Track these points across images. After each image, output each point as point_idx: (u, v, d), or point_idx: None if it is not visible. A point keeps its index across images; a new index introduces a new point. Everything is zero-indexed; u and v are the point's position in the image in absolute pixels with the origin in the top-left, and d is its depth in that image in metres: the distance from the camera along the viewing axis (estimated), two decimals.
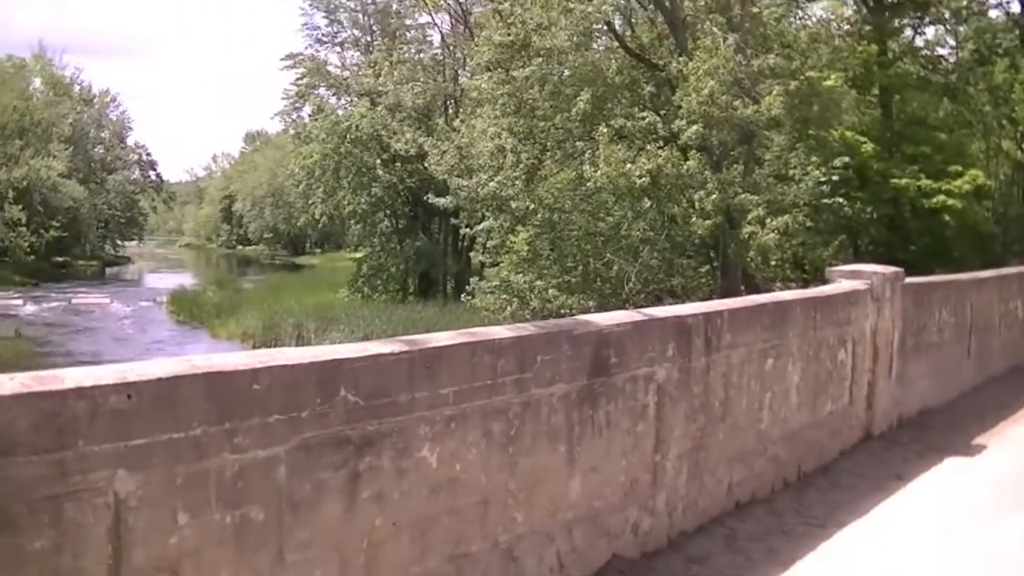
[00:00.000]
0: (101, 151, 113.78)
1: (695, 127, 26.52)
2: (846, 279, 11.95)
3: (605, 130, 27.42)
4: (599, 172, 27.01)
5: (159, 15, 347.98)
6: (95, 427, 4.05)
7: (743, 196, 26.72)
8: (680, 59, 27.58)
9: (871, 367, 11.91)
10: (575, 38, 28.47)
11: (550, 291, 29.82)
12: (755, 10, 28.24)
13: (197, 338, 46.79)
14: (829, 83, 28.44)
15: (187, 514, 4.40)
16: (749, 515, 8.86)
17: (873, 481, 10.29)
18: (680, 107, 27.03)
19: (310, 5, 58.79)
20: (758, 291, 27.63)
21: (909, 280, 13.12)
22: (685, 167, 27.09)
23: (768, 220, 26.43)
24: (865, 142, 31.09)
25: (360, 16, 59.08)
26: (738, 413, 8.96)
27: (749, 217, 26.74)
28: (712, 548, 7.98)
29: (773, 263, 29.27)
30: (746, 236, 26.67)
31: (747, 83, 27.84)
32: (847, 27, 33.70)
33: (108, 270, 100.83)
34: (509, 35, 29.14)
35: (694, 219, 27.14)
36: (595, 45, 31.05)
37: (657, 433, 7.76)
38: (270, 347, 41.45)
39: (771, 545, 8.14)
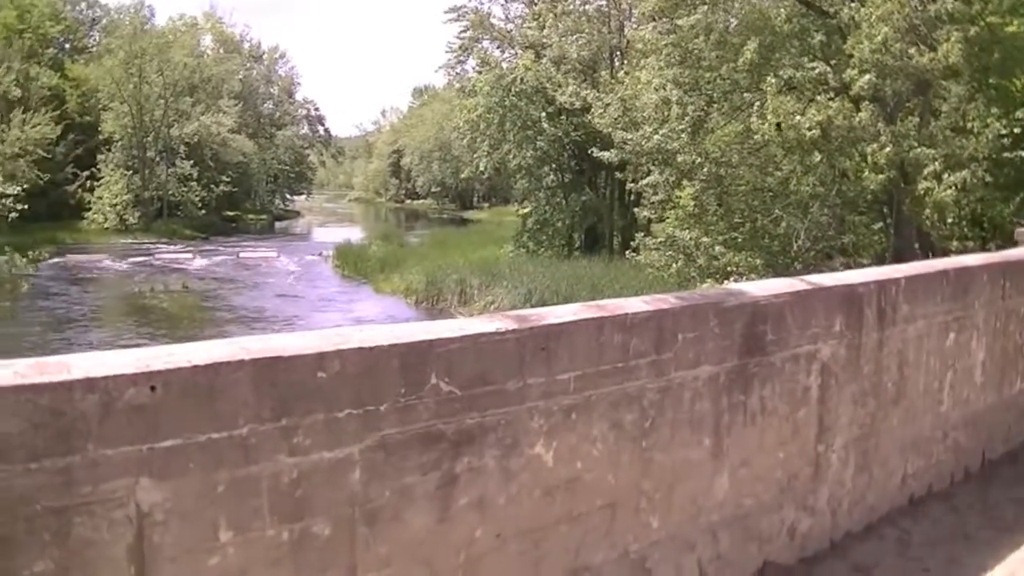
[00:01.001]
0: (270, 107, 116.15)
1: (867, 76, 25.28)
2: None
3: (773, 80, 26.42)
4: (766, 124, 26.06)
5: None
6: (109, 426, 3.40)
7: (918, 150, 25.40)
8: (852, 4, 26.40)
9: None
10: None
11: (716, 248, 29.21)
12: None
13: (361, 293, 47.26)
14: (1012, 29, 26.90)
15: (231, 530, 3.73)
16: (925, 514, 7.83)
17: None
18: (852, 56, 25.87)
19: None
20: (933, 250, 26.57)
21: None
22: (857, 119, 25.82)
23: (945, 175, 25.12)
24: None
25: None
26: (914, 395, 7.97)
27: (925, 172, 25.40)
28: (882, 554, 7.00)
29: (949, 221, 28.02)
30: (921, 192, 25.38)
31: (923, 29, 26.46)
32: None
33: (277, 224, 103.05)
34: None
35: (866, 174, 25.97)
36: None
37: (820, 420, 6.85)
38: (433, 303, 41.96)
39: (951, 553, 7.12)
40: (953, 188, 24.97)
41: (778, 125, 25.98)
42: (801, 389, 6.67)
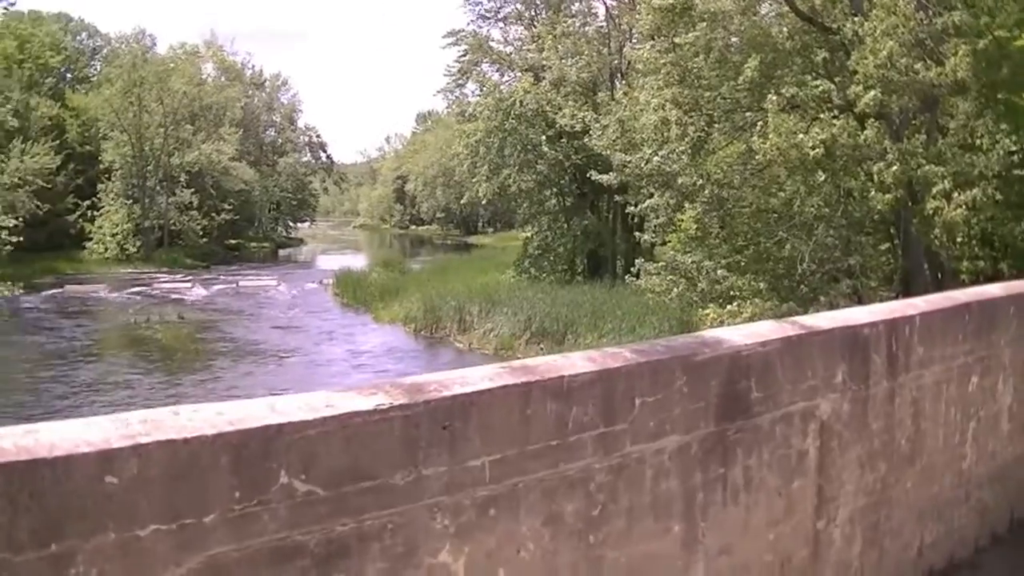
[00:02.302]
0: (272, 134, 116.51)
1: (872, 93, 24.30)
2: None
3: (775, 98, 25.49)
4: (768, 143, 25.13)
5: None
6: None
7: (926, 168, 24.40)
8: (856, 19, 25.47)
9: None
10: (741, 0, 26.66)
11: (719, 271, 28.36)
12: None
13: (359, 322, 46.79)
14: (1021, 43, 25.96)
15: None
16: None
17: None
18: (856, 72, 24.95)
19: None
20: (943, 270, 25.69)
21: None
22: (862, 137, 24.86)
23: (954, 194, 24.14)
24: None
25: None
26: (932, 451, 6.85)
27: (933, 191, 24.40)
28: None
29: (959, 240, 27.06)
30: (930, 211, 24.39)
31: (929, 43, 25.53)
32: None
33: (281, 252, 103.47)
34: None
35: (872, 193, 24.98)
36: (762, 9, 29.25)
37: (820, 490, 5.75)
38: (432, 331, 41.20)
39: None
40: (963, 207, 23.98)
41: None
42: (796, 455, 5.58)
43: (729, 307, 27.39)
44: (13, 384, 31.78)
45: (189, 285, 62.35)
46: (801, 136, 24.79)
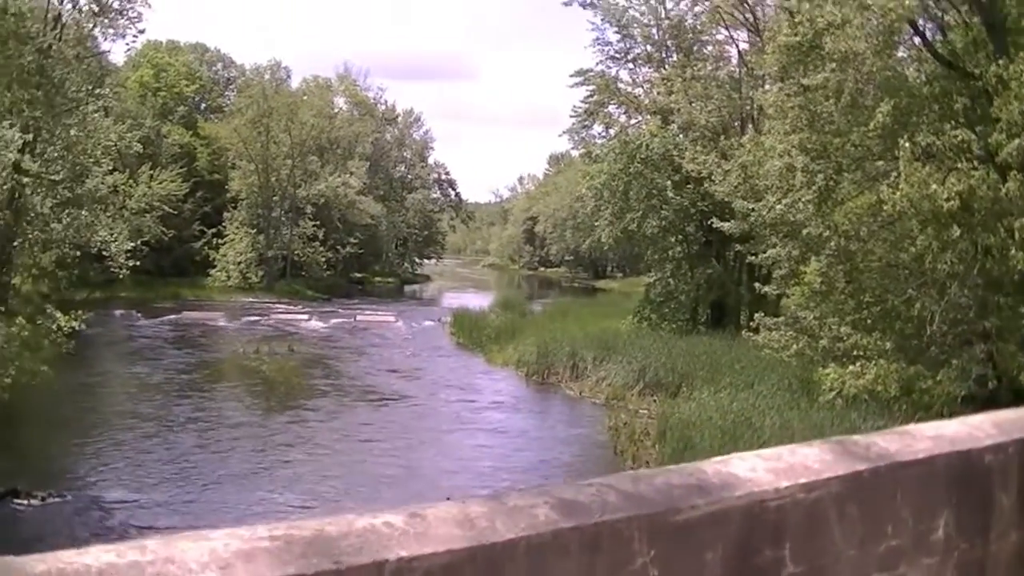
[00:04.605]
0: (402, 170, 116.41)
1: (1016, 142, 22.47)
2: None
3: (908, 145, 23.68)
4: (899, 194, 23.34)
5: (475, 36, 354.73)
6: None
7: None
8: (1000, 62, 23.60)
9: None
10: (875, 39, 24.89)
11: (842, 328, 26.58)
12: None
13: (471, 365, 46.02)
14: None
15: None
16: None
17: None
18: (999, 119, 23.09)
19: (602, 20, 56.49)
20: None
21: None
22: (1003, 189, 23.01)
23: None
24: None
25: (654, 31, 56.21)
26: None
27: None
28: None
29: None
30: None
31: None
32: None
33: (406, 288, 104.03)
34: (796, 35, 25.87)
35: (1013, 251, 23.09)
36: (898, 53, 27.54)
37: None
38: (544, 377, 39.95)
39: None
40: None
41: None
42: None
43: (852, 367, 25.68)
44: (106, 414, 31.46)
45: (306, 317, 62.32)
46: (935, 187, 22.98)
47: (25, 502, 20.73)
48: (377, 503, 21.85)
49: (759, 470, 3.34)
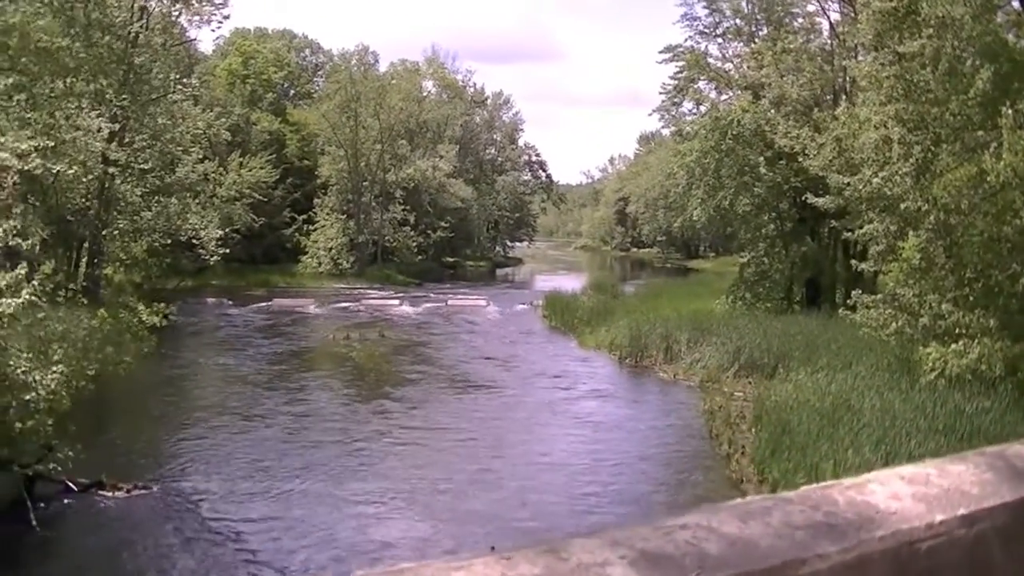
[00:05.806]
0: (492, 152, 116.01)
1: None
2: None
3: (1011, 112, 22.69)
4: (1002, 164, 22.37)
5: (563, 16, 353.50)
6: None
7: None
8: None
9: None
10: (974, 3, 23.91)
11: (943, 306, 25.58)
12: None
13: (563, 348, 45.63)
14: None
15: None
16: None
17: None
18: None
19: None
20: None
21: None
22: None
23: None
24: None
25: (743, 4, 55.20)
26: None
27: None
28: None
29: None
30: None
31: None
32: None
33: (498, 271, 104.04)
34: (891, 1, 24.92)
35: None
36: (997, 17, 26.48)
37: None
38: (637, 359, 39.29)
39: None
40: None
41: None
42: None
43: (954, 346, 24.75)
44: (193, 405, 31.37)
45: (397, 302, 62.32)
46: None
47: (110, 494, 20.50)
48: (465, 501, 21.46)
49: (904, 498, 2.45)
